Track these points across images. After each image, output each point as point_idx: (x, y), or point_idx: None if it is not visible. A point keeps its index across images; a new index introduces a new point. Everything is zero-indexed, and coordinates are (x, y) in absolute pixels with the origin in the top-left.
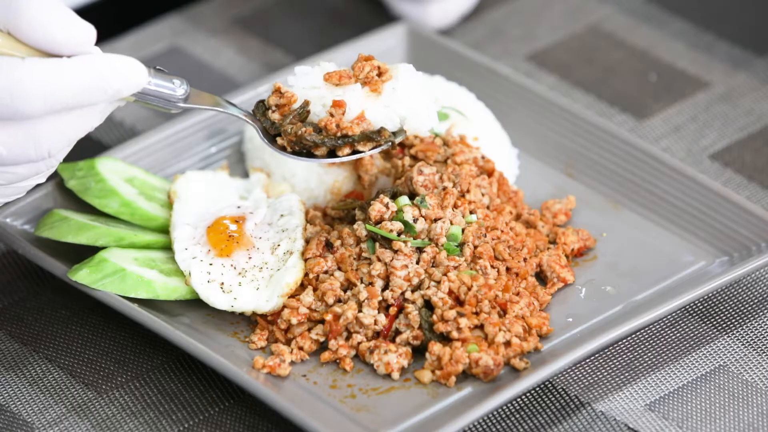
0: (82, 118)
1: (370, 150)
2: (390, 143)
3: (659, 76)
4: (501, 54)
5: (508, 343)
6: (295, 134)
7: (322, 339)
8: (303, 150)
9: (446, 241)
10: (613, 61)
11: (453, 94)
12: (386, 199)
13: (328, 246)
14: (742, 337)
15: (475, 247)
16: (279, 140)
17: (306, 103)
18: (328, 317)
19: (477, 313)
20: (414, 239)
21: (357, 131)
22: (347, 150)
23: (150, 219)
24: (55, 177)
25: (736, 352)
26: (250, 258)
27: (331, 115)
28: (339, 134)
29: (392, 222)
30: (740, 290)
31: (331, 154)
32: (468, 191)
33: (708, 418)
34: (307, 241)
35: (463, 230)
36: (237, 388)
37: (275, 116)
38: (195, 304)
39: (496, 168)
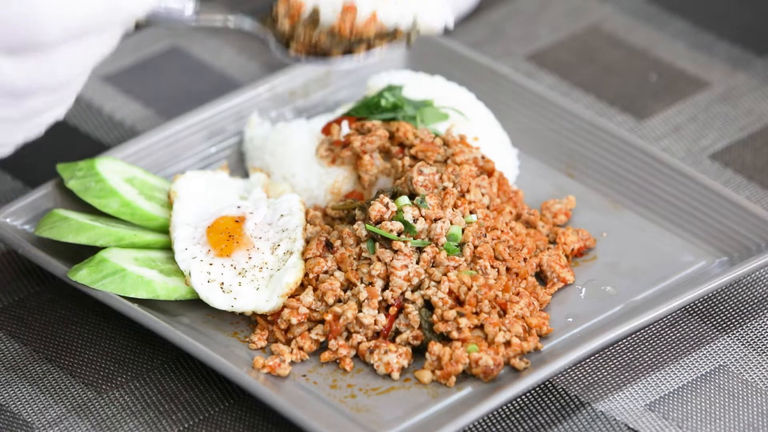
0: (97, 43)
1: (386, 44)
2: (406, 39)
3: (659, 76)
4: (501, 54)
5: (508, 343)
6: (309, 39)
7: (322, 339)
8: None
9: (446, 241)
10: (613, 61)
11: (453, 94)
12: (386, 199)
13: (328, 246)
14: (742, 337)
15: (475, 247)
16: (291, 50)
17: (316, 10)
18: (328, 317)
19: (477, 313)
20: (414, 239)
21: (371, 32)
22: (363, 47)
23: (150, 219)
24: (55, 177)
25: (736, 352)
26: (250, 258)
27: (344, 19)
28: (353, 38)
29: (392, 222)
30: (740, 290)
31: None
32: (468, 191)
33: (708, 418)
34: (307, 241)
35: (463, 230)
36: (237, 388)
37: (285, 25)
38: (195, 304)
39: (496, 168)
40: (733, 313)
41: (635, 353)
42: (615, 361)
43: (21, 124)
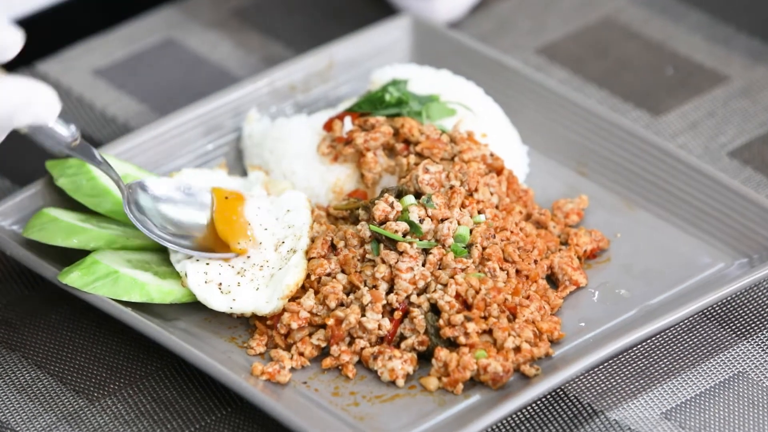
0: None
1: None
2: None
3: (675, 70)
4: (510, 47)
5: (517, 349)
6: None
7: (323, 344)
8: None
9: (453, 243)
10: (627, 55)
11: (460, 89)
12: (391, 199)
13: (334, 247)
14: (762, 342)
15: (484, 248)
16: None
17: None
18: (330, 322)
19: (485, 318)
20: (420, 240)
21: None
22: None
23: None
24: (45, 175)
25: (755, 358)
26: (249, 256)
27: None
28: None
29: (397, 222)
30: (760, 293)
31: None
32: (476, 190)
33: (727, 428)
34: (312, 240)
35: (471, 231)
36: (235, 396)
37: None
38: (191, 307)
39: (506, 166)
40: (753, 317)
41: (650, 359)
42: (629, 367)
43: None
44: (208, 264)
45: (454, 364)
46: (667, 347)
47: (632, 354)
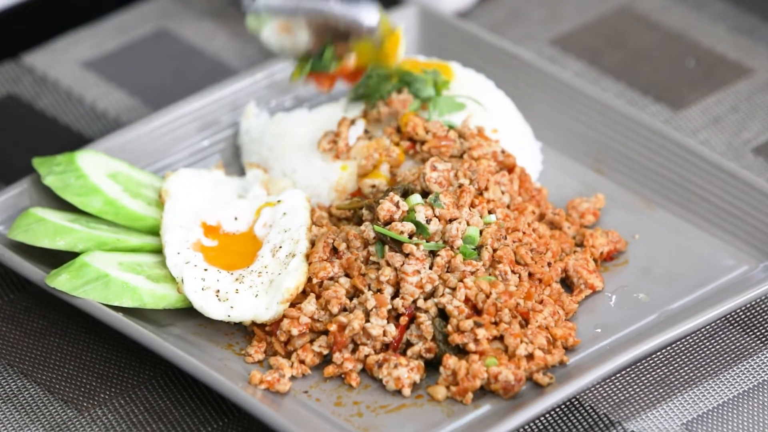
0: None
1: None
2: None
3: (697, 62)
4: (522, 38)
5: (530, 356)
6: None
7: (325, 352)
8: None
9: (462, 244)
10: (646, 46)
11: (470, 82)
12: (396, 198)
13: (335, 250)
14: None
15: (495, 250)
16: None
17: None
18: (333, 328)
19: (496, 323)
20: (427, 242)
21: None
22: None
23: (136, 219)
24: (32, 173)
25: None
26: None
27: None
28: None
29: (403, 223)
30: None
31: None
32: (486, 189)
33: None
34: (312, 243)
35: (481, 232)
36: (232, 406)
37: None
38: (185, 313)
39: (518, 163)
40: None
41: (670, 367)
42: (648, 376)
43: None
44: (206, 270)
45: (463, 372)
46: (688, 354)
47: (651, 362)
